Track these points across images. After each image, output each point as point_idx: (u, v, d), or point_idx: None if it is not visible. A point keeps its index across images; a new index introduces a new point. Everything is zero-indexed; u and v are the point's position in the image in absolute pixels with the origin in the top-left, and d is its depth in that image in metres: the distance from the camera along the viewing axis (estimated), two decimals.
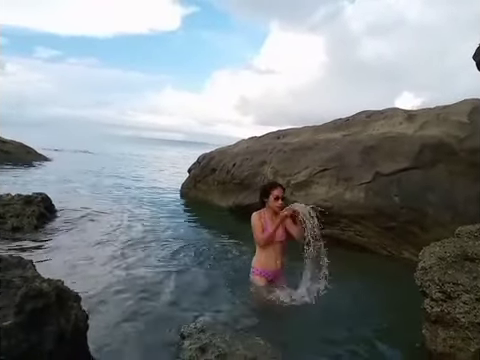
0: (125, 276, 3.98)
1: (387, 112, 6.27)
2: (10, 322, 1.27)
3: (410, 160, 5.09)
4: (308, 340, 2.87)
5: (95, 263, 4.30)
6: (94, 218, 6.55)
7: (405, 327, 3.06)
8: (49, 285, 1.49)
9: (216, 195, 8.22)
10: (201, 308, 3.32)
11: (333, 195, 5.52)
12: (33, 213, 5.94)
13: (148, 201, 8.73)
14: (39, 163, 15.49)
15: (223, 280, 4.04)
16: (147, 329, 2.87)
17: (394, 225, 5.03)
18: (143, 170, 17.05)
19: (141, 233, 5.75)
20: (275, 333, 2.92)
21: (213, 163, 8.60)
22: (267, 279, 3.59)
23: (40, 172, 13.09)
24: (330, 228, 5.69)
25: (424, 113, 5.81)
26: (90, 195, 9.02)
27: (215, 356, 2.34)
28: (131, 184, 11.63)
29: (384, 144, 5.44)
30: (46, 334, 1.39)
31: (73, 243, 5.02)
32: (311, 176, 5.84)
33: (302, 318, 3.20)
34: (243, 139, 9.20)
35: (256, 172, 6.97)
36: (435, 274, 2.56)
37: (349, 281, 4.03)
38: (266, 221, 3.57)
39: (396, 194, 5.05)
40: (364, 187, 5.28)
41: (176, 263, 4.50)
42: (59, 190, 8.98)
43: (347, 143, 5.92)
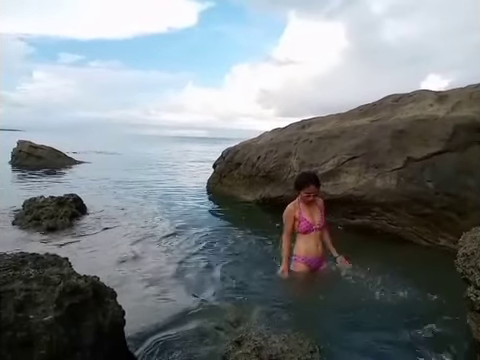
0: (157, 270, 4.03)
1: (416, 95, 6.03)
2: (50, 317, 1.29)
3: (443, 143, 4.87)
4: (346, 331, 2.80)
5: (127, 259, 4.38)
6: (124, 216, 6.68)
7: (448, 318, 2.94)
8: (85, 281, 1.50)
9: (242, 189, 8.20)
10: (235, 300, 3.31)
11: (363, 183, 5.38)
12: (66, 213, 6.14)
13: (175, 198, 8.82)
14: (69, 166, 15.96)
15: (257, 272, 4.02)
16: (182, 323, 2.88)
17: (429, 212, 4.84)
18: (169, 168, 17.26)
19: (170, 229, 5.82)
20: (312, 325, 2.86)
21: (237, 157, 8.58)
22: (310, 266, 3.58)
23: (70, 174, 13.49)
24: (361, 217, 5.58)
25: (455, 93, 5.54)
26: (119, 194, 9.20)
27: (251, 349, 2.31)
28: (158, 182, 11.79)
29: (414, 128, 5.23)
30: (85, 329, 1.40)
31: (105, 240, 5.14)
32: (339, 165, 5.71)
33: (339, 309, 3.13)
34: (266, 131, 9.11)
35: (282, 164, 6.89)
36: (478, 260, 2.43)
37: (385, 271, 3.92)
38: (301, 211, 3.59)
39: (429, 179, 4.85)
40: (396, 173, 5.11)
41: (207, 257, 4.52)
42: (89, 190, 9.23)
43: (375, 129, 5.74)
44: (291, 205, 3.64)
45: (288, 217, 3.59)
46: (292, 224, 3.58)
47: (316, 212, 3.63)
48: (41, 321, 1.27)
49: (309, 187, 3.54)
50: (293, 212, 3.59)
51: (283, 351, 2.28)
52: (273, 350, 2.29)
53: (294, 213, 3.58)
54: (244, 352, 2.30)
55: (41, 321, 1.27)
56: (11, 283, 1.46)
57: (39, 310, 1.32)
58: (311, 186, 3.55)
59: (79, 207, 6.66)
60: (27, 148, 16.18)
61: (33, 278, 1.51)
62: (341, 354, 2.46)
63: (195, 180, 12.52)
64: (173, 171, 15.87)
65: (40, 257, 1.81)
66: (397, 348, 2.61)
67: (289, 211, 3.61)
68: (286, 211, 3.62)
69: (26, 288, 1.42)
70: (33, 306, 1.34)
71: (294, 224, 3.58)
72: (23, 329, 1.23)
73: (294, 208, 3.61)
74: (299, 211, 3.58)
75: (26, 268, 1.65)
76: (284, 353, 2.27)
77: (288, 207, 3.64)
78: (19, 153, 16.13)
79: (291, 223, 3.58)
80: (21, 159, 15.89)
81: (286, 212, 3.62)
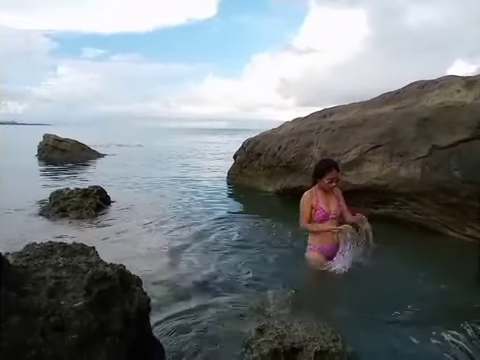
0: (179, 259, 4.12)
1: (442, 81, 5.83)
2: (80, 303, 1.34)
3: (471, 130, 4.71)
4: (367, 320, 2.79)
5: (151, 248, 4.48)
6: (146, 207, 6.80)
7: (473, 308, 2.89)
8: (112, 269, 1.55)
9: (263, 179, 8.19)
10: (257, 288, 3.35)
11: (387, 173, 5.28)
12: (91, 205, 6.31)
13: (196, 189, 8.92)
14: (93, 159, 16.32)
15: (278, 261, 4.06)
16: (204, 310, 2.93)
17: (455, 201, 4.71)
18: (190, 160, 17.40)
19: (191, 219, 5.90)
20: (334, 312, 2.86)
21: (258, 148, 8.56)
22: (325, 255, 3.56)
23: (94, 167, 13.80)
24: (384, 207, 5.49)
25: None
26: (141, 186, 9.36)
27: (274, 337, 2.33)
28: (180, 173, 11.92)
29: (440, 115, 5.07)
30: (113, 315, 1.45)
31: (129, 230, 5.26)
32: (362, 154, 5.61)
33: (360, 297, 3.12)
34: (287, 121, 9.03)
35: (303, 153, 6.83)
36: None
37: (408, 260, 3.86)
38: (318, 199, 3.55)
39: (456, 168, 4.71)
40: (420, 162, 4.99)
41: (229, 247, 4.57)
42: (113, 183, 9.42)
43: (399, 117, 5.59)
44: (308, 193, 3.61)
45: (305, 205, 3.55)
46: (309, 212, 3.54)
47: (333, 201, 3.61)
48: (72, 307, 1.32)
49: (332, 172, 3.50)
50: (310, 200, 3.55)
51: (305, 339, 2.29)
52: (295, 338, 2.30)
53: (311, 201, 3.54)
54: (267, 340, 2.32)
55: (72, 307, 1.32)
56: (42, 271, 1.52)
57: (69, 296, 1.38)
58: (333, 171, 3.52)
59: (103, 199, 6.82)
60: (52, 141, 16.62)
61: (62, 266, 1.57)
62: (363, 343, 2.45)
63: (216, 171, 12.60)
64: (194, 163, 16.00)
65: (68, 246, 1.88)
66: (417, 337, 2.58)
67: (306, 199, 3.57)
68: (303, 199, 3.58)
69: (56, 276, 1.48)
70: (64, 292, 1.40)
71: (311, 213, 3.55)
72: (55, 314, 1.28)
73: (311, 196, 3.57)
74: (316, 199, 3.55)
75: (55, 257, 1.71)
76: (306, 341, 2.27)
77: (305, 194, 3.61)
78: (45, 147, 16.59)
79: (309, 210, 3.54)
80: (47, 152, 16.34)
81: (303, 200, 3.58)
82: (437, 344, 2.49)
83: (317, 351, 2.21)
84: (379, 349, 2.44)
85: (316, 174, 3.62)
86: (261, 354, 2.23)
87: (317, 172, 3.62)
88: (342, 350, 2.25)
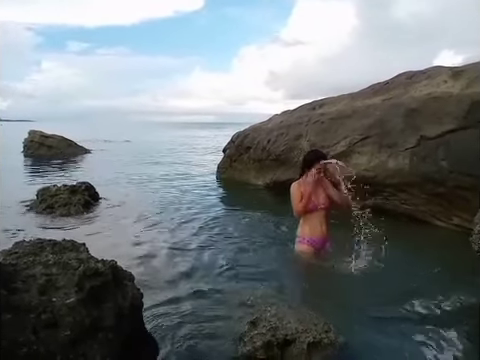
0: (170, 254, 4.10)
1: (429, 71, 5.88)
2: (73, 299, 1.33)
3: (458, 121, 4.76)
4: (359, 310, 2.83)
5: (141, 244, 4.45)
6: (135, 203, 6.76)
7: (461, 296, 2.94)
8: (104, 265, 1.53)
9: (252, 173, 8.19)
10: (248, 282, 3.36)
11: (376, 164, 5.33)
12: (79, 201, 6.23)
13: (186, 184, 8.90)
14: (80, 155, 16.10)
15: (268, 254, 4.07)
16: (197, 304, 2.93)
17: (443, 191, 4.79)
18: (179, 154, 17.30)
19: (181, 214, 5.88)
20: (325, 304, 2.89)
21: (247, 141, 8.53)
22: (314, 247, 3.57)
23: (82, 163, 13.63)
24: (374, 198, 5.53)
25: (471, 69, 5.37)
26: (130, 181, 9.29)
27: (266, 330, 2.34)
28: (169, 169, 11.86)
29: (428, 105, 5.12)
30: (106, 310, 1.44)
31: (119, 227, 5.22)
32: (351, 146, 5.65)
33: (352, 287, 3.16)
34: (276, 114, 9.02)
35: (292, 146, 6.85)
36: None
37: (397, 249, 3.92)
38: (307, 190, 3.54)
39: (443, 158, 4.77)
40: (408, 153, 5.04)
41: (220, 240, 4.57)
42: (101, 179, 9.31)
43: (388, 108, 5.64)
44: (295, 183, 3.64)
45: (294, 194, 3.57)
46: (300, 200, 3.53)
47: (321, 192, 3.61)
48: (64, 303, 1.31)
49: (320, 162, 3.52)
50: (299, 188, 3.56)
51: (298, 331, 2.30)
52: (288, 330, 2.31)
53: (300, 189, 3.55)
54: (260, 332, 2.33)
55: (64, 303, 1.31)
56: (32, 268, 1.49)
57: (61, 293, 1.36)
58: (321, 161, 3.54)
59: (92, 195, 6.74)
60: (38, 138, 16.33)
61: (52, 263, 1.55)
62: (355, 332, 2.48)
63: (205, 165, 12.56)
64: (183, 157, 15.91)
65: (58, 243, 1.85)
66: (408, 326, 2.63)
67: (295, 188, 3.59)
68: (292, 189, 3.61)
69: (46, 273, 1.46)
70: (55, 289, 1.38)
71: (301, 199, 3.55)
72: (47, 311, 1.27)
73: (299, 185, 3.59)
74: (303, 189, 3.55)
75: (45, 254, 1.68)
76: (299, 333, 2.29)
77: (293, 185, 3.63)
78: (31, 143, 16.30)
79: (300, 195, 3.53)
80: (33, 149, 16.06)
81: (292, 190, 3.60)
82: (426, 334, 2.53)
83: (310, 342, 2.22)
84: (371, 339, 2.47)
85: (305, 164, 3.64)
86: (254, 347, 2.24)
87: (306, 163, 3.64)
88: (334, 341, 2.27)
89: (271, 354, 2.17)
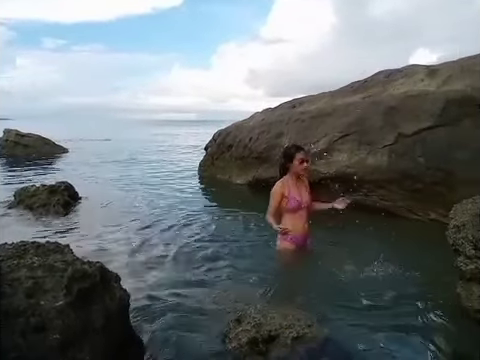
0: (152, 254, 4.08)
1: (407, 70, 6.03)
2: (61, 303, 1.32)
3: (434, 118, 4.92)
4: (339, 304, 2.89)
5: (122, 244, 4.41)
6: (116, 202, 6.67)
7: (437, 287, 3.06)
8: (90, 267, 1.53)
9: (234, 171, 8.21)
10: (232, 280, 3.39)
11: (355, 161, 5.43)
12: (58, 201, 6.12)
13: (167, 182, 8.85)
14: (58, 154, 15.76)
15: (250, 251, 4.10)
16: (182, 303, 2.94)
17: (420, 187, 4.93)
18: (160, 153, 17.15)
19: (163, 214, 5.84)
20: (308, 299, 2.94)
21: (229, 139, 8.55)
22: (296, 244, 3.59)
23: (60, 163, 13.36)
24: (353, 194, 5.64)
25: (446, 67, 5.55)
26: (110, 181, 9.18)
27: (251, 326, 2.38)
28: (150, 167, 11.75)
29: (406, 103, 5.25)
30: (95, 312, 1.44)
31: (100, 227, 5.15)
32: (331, 143, 5.74)
33: (333, 283, 3.22)
34: (257, 112, 9.07)
35: (274, 144, 6.90)
36: (469, 231, 2.52)
37: (377, 244, 4.02)
38: (290, 189, 3.51)
39: (420, 155, 4.92)
40: (387, 150, 5.17)
41: (202, 239, 4.58)
42: (80, 178, 9.17)
43: (367, 105, 5.76)
44: (280, 182, 3.54)
45: (276, 193, 3.49)
46: (279, 202, 3.48)
47: (304, 190, 3.60)
48: (53, 306, 1.30)
49: (300, 152, 3.50)
50: (282, 189, 3.49)
51: (282, 326, 2.35)
52: (272, 326, 2.36)
53: (283, 190, 3.48)
54: (244, 329, 2.37)
55: (53, 306, 1.30)
56: (17, 272, 1.47)
57: (49, 296, 1.35)
58: (301, 151, 3.53)
59: (71, 195, 6.62)
60: (14, 137, 15.90)
61: (37, 266, 1.53)
62: (336, 326, 2.55)
63: (187, 163, 12.51)
64: (164, 156, 15.79)
65: (41, 245, 1.83)
66: (388, 318, 2.71)
67: (278, 188, 3.50)
68: (275, 188, 3.51)
69: (32, 276, 1.44)
70: (43, 292, 1.37)
71: (281, 202, 3.49)
72: (35, 315, 1.26)
73: (283, 185, 3.51)
74: (288, 189, 3.50)
75: (29, 256, 1.66)
76: (283, 328, 2.34)
77: (277, 184, 3.54)
78: (6, 142, 15.85)
79: (278, 200, 3.48)
80: (8, 148, 15.62)
81: (275, 188, 3.51)
82: (404, 328, 2.60)
83: (294, 337, 2.28)
84: (352, 332, 2.54)
85: (286, 160, 3.55)
86: (240, 343, 2.28)
87: (286, 158, 3.55)
88: (317, 335, 2.33)
89: (256, 350, 2.21)
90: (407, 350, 2.39)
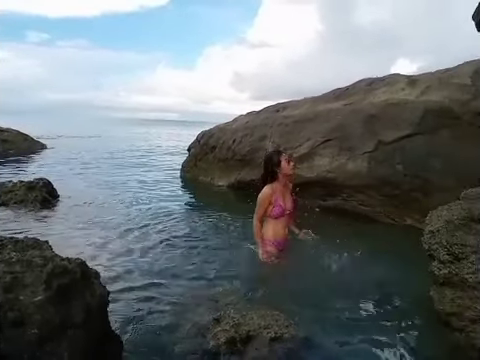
0: (130, 254, 4.04)
1: (388, 78, 6.19)
2: (40, 298, 1.31)
3: (413, 127, 5.07)
4: (317, 305, 2.94)
5: (100, 243, 4.36)
6: (95, 201, 6.56)
7: (411, 290, 3.15)
8: (70, 263, 1.52)
9: (217, 173, 8.22)
10: (212, 281, 3.40)
11: (336, 166, 5.53)
12: (36, 198, 6.01)
13: (148, 182, 8.76)
14: (37, 150, 15.40)
15: (231, 252, 4.11)
16: (160, 303, 2.94)
17: (398, 193, 5.06)
18: (142, 152, 16.95)
19: (142, 214, 5.78)
20: (286, 300, 2.98)
21: (212, 141, 8.55)
22: (277, 248, 3.61)
23: (39, 159, 13.06)
24: (332, 199, 5.74)
25: (426, 78, 5.73)
26: (89, 179, 9.02)
27: (230, 326, 2.41)
28: (132, 166, 11.62)
29: (386, 112, 5.40)
30: (75, 308, 1.43)
31: (78, 224, 5.07)
32: (313, 148, 5.83)
33: (311, 285, 3.27)
34: (241, 115, 9.11)
35: (257, 147, 6.95)
36: (443, 237, 2.59)
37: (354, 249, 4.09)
38: (277, 195, 3.50)
39: (399, 162, 5.05)
40: (367, 156, 5.29)
41: (182, 240, 4.56)
42: (59, 175, 8.99)
43: (348, 112, 5.88)
44: (268, 188, 3.47)
45: (264, 200, 3.46)
46: (265, 208, 3.47)
47: (288, 197, 3.60)
48: (31, 301, 1.29)
49: (283, 155, 3.52)
50: (270, 196, 3.45)
51: (260, 327, 2.39)
52: (251, 326, 2.39)
53: (271, 197, 3.45)
54: (223, 329, 2.39)
55: (31, 301, 1.29)
56: None
57: (28, 291, 1.34)
58: (284, 154, 3.56)
59: (50, 192, 6.49)
60: None
61: (15, 261, 1.52)
62: (313, 327, 2.60)
63: (169, 163, 12.42)
64: (146, 155, 15.63)
65: (19, 241, 1.80)
66: (364, 320, 2.80)
67: (266, 194, 3.46)
68: (263, 194, 3.46)
69: (10, 271, 1.43)
70: (22, 287, 1.36)
71: (267, 208, 3.47)
72: (14, 309, 1.25)
73: (272, 192, 3.46)
74: (275, 195, 3.48)
75: (7, 251, 1.64)
76: (261, 329, 2.38)
77: (265, 190, 3.47)
78: None
79: (265, 207, 3.46)
80: None
81: (263, 195, 3.46)
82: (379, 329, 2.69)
83: (272, 338, 2.32)
84: (329, 333, 2.59)
85: (273, 166, 3.50)
86: (218, 343, 2.29)
87: (273, 164, 3.50)
88: (295, 335, 2.37)
89: (234, 349, 2.23)
90: (380, 350, 2.45)
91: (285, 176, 3.53)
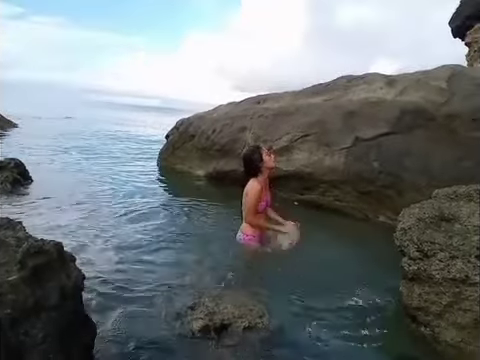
0: (103, 239, 3.98)
1: (367, 77, 6.30)
2: (15, 277, 1.28)
3: (390, 125, 5.19)
4: (292, 298, 3.00)
5: (73, 227, 4.26)
6: (67, 183, 6.42)
7: (382, 285, 3.24)
8: (45, 244, 1.48)
9: (195, 162, 8.15)
10: (188, 269, 3.40)
11: (313, 161, 5.60)
12: (6, 179, 5.80)
13: (124, 169, 8.57)
14: (6, 129, 14.80)
15: (206, 241, 4.11)
16: (135, 289, 2.92)
17: (372, 189, 5.18)
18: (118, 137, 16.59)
19: (116, 200, 5.67)
20: (261, 292, 3.02)
21: (192, 129, 8.46)
22: (258, 241, 3.65)
23: (9, 139, 12.57)
24: (309, 193, 5.83)
25: (404, 78, 5.87)
26: (63, 160, 8.80)
27: (204, 314, 2.43)
28: (106, 150, 11.37)
29: (365, 109, 5.50)
30: (50, 289, 1.40)
31: (50, 208, 4.93)
32: (293, 141, 5.88)
33: (286, 277, 3.32)
34: (222, 104, 9.04)
35: (236, 138, 6.94)
36: (414, 234, 2.67)
37: (329, 243, 4.17)
38: (264, 192, 3.52)
39: (375, 159, 5.17)
40: (344, 152, 5.38)
41: (155, 226, 4.52)
42: (31, 156, 8.70)
43: (328, 108, 5.95)
44: (257, 184, 3.46)
45: (257, 197, 3.43)
46: (259, 203, 3.47)
47: (267, 191, 3.65)
48: (5, 280, 1.25)
49: (262, 148, 3.56)
50: (260, 191, 3.45)
51: (234, 316, 2.42)
52: (225, 315, 2.42)
53: (261, 193, 3.46)
54: (197, 317, 2.41)
55: (5, 280, 1.25)
56: None
57: (2, 270, 1.30)
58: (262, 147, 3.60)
59: (21, 173, 6.27)
60: None
61: None
62: (286, 317, 2.66)
63: (145, 150, 12.22)
64: (122, 140, 15.31)
65: None
66: (335, 312, 2.86)
67: (257, 190, 3.43)
68: (255, 190, 3.43)
69: None
70: None
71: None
72: None
73: (261, 187, 3.46)
74: (263, 192, 3.50)
75: None
76: (235, 318, 2.41)
77: (255, 185, 3.45)
78: None
79: (258, 202, 3.46)
80: None
81: (255, 190, 3.43)
82: (352, 317, 2.76)
83: (245, 327, 2.35)
84: (301, 324, 2.65)
85: (257, 161, 3.49)
86: (192, 330, 2.31)
87: (256, 159, 3.49)
88: (268, 325, 2.42)
89: (208, 337, 2.26)
90: (347, 342, 2.52)
91: (268, 169, 3.55)
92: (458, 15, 9.84)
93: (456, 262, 2.40)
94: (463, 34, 9.75)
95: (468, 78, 5.41)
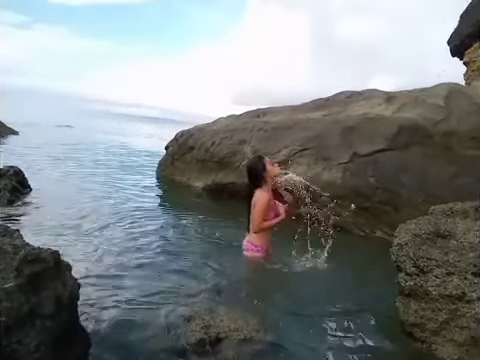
0: (100, 250, 3.96)
1: (366, 93, 6.38)
2: (11, 284, 1.27)
3: (387, 141, 5.23)
4: (288, 312, 2.97)
5: (71, 237, 4.25)
6: (67, 193, 6.43)
7: (379, 300, 3.23)
8: (42, 252, 1.48)
9: (194, 173, 8.17)
10: (186, 280, 3.38)
11: (312, 175, 5.61)
12: (5, 187, 5.77)
13: (124, 179, 8.58)
14: (7, 137, 14.83)
15: (203, 253, 4.10)
16: (131, 300, 2.90)
17: (369, 205, 5.19)
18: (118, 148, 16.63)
19: (116, 211, 5.65)
20: (258, 305, 3.01)
21: (191, 141, 8.50)
22: (266, 254, 3.63)
23: (8, 146, 12.58)
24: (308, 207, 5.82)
25: (403, 95, 5.95)
26: (63, 169, 8.81)
27: (200, 327, 2.41)
28: (105, 161, 11.38)
29: (363, 125, 5.55)
30: (46, 298, 1.40)
31: (49, 217, 4.92)
32: (291, 155, 5.91)
33: (284, 291, 3.30)
34: (222, 117, 9.12)
35: (236, 150, 6.97)
36: (410, 250, 2.68)
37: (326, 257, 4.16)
38: (271, 202, 3.53)
39: (372, 175, 5.19)
40: (342, 167, 5.40)
41: (152, 237, 4.51)
42: (31, 164, 8.71)
43: (326, 123, 6.01)
44: (266, 194, 3.48)
45: (265, 203, 3.45)
46: (267, 213, 3.48)
47: (274, 202, 3.65)
48: (1, 288, 1.25)
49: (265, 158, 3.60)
50: (269, 201, 3.47)
51: (230, 329, 2.41)
52: (220, 328, 2.41)
53: (269, 203, 3.47)
54: (193, 329, 2.40)
55: (1, 288, 1.25)
56: None
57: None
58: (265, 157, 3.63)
59: (20, 181, 6.27)
60: None
61: None
62: (282, 331, 2.64)
63: (145, 161, 12.25)
64: (122, 151, 15.34)
65: None
66: (331, 327, 2.83)
67: (266, 199, 3.45)
68: (263, 199, 3.45)
69: None
70: None
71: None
72: None
73: (268, 198, 3.47)
74: (271, 202, 3.51)
75: None
76: (231, 331, 2.40)
77: (264, 196, 3.47)
78: None
79: (266, 212, 3.47)
80: None
81: (263, 200, 3.45)
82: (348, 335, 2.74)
83: (241, 340, 2.34)
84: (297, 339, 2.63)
85: (260, 171, 3.53)
86: (188, 342, 2.30)
87: (259, 169, 3.52)
88: (263, 339, 2.41)
89: (203, 350, 2.24)
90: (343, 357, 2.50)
91: (272, 178, 3.56)
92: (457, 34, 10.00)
93: (452, 278, 2.40)
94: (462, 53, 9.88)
95: (465, 97, 5.49)
